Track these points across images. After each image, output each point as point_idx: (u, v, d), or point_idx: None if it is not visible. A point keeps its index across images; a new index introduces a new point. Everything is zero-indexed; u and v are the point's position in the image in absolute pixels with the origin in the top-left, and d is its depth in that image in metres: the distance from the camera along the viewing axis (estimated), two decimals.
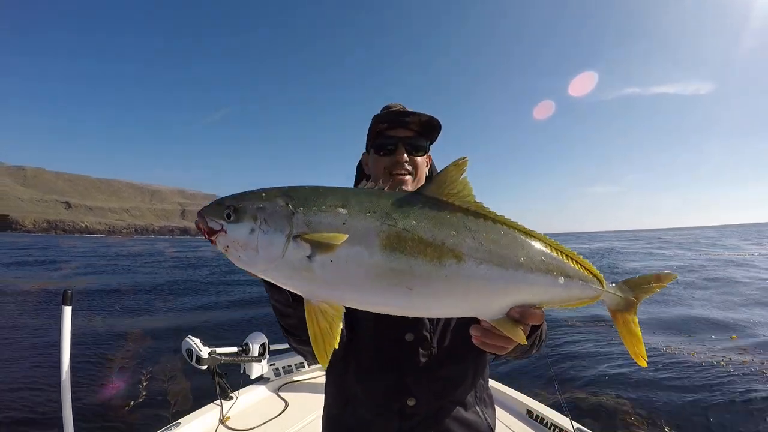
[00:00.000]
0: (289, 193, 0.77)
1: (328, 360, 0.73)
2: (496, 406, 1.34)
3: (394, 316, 1.08)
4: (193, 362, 2.77)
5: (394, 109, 1.33)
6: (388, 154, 1.25)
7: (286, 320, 0.99)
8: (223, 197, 0.81)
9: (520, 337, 0.81)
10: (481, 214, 0.81)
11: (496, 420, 1.31)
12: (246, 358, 3.05)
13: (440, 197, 0.80)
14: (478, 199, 0.84)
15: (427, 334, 1.17)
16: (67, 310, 2.24)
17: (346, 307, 0.76)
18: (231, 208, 0.75)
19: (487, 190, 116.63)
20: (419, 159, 1.28)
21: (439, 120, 1.24)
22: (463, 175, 0.81)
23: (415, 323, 1.17)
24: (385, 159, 1.26)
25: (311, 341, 0.73)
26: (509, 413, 2.82)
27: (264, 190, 0.79)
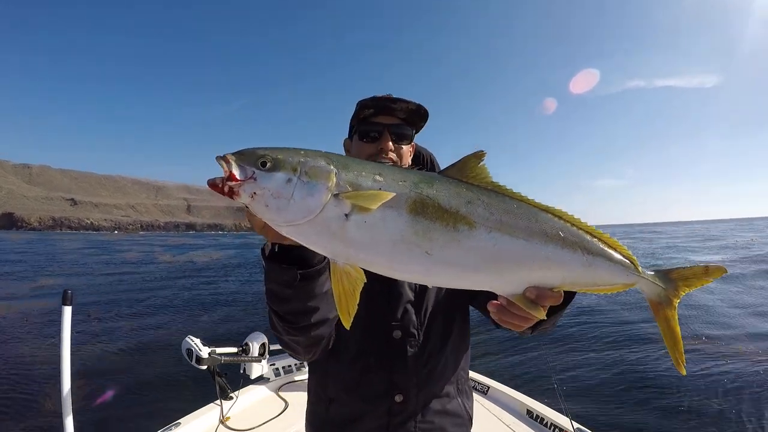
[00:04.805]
0: (329, 155, 0.78)
1: (351, 320, 0.76)
2: (496, 407, 1.36)
3: (382, 311, 1.17)
4: (193, 362, 2.77)
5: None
6: (373, 141, 1.21)
7: (284, 306, 0.95)
8: (254, 147, 0.77)
9: (540, 312, 0.81)
10: (497, 191, 0.84)
11: (496, 420, 1.33)
12: (246, 358, 3.05)
13: (460, 178, 0.84)
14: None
15: (414, 331, 1.17)
16: (67, 311, 2.24)
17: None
18: (267, 156, 0.73)
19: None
20: (405, 148, 1.24)
21: (427, 109, 1.21)
22: (481, 163, 0.84)
23: (403, 319, 1.18)
24: (369, 146, 1.22)
25: (335, 302, 0.75)
26: (509, 413, 2.79)
27: (301, 149, 0.79)
